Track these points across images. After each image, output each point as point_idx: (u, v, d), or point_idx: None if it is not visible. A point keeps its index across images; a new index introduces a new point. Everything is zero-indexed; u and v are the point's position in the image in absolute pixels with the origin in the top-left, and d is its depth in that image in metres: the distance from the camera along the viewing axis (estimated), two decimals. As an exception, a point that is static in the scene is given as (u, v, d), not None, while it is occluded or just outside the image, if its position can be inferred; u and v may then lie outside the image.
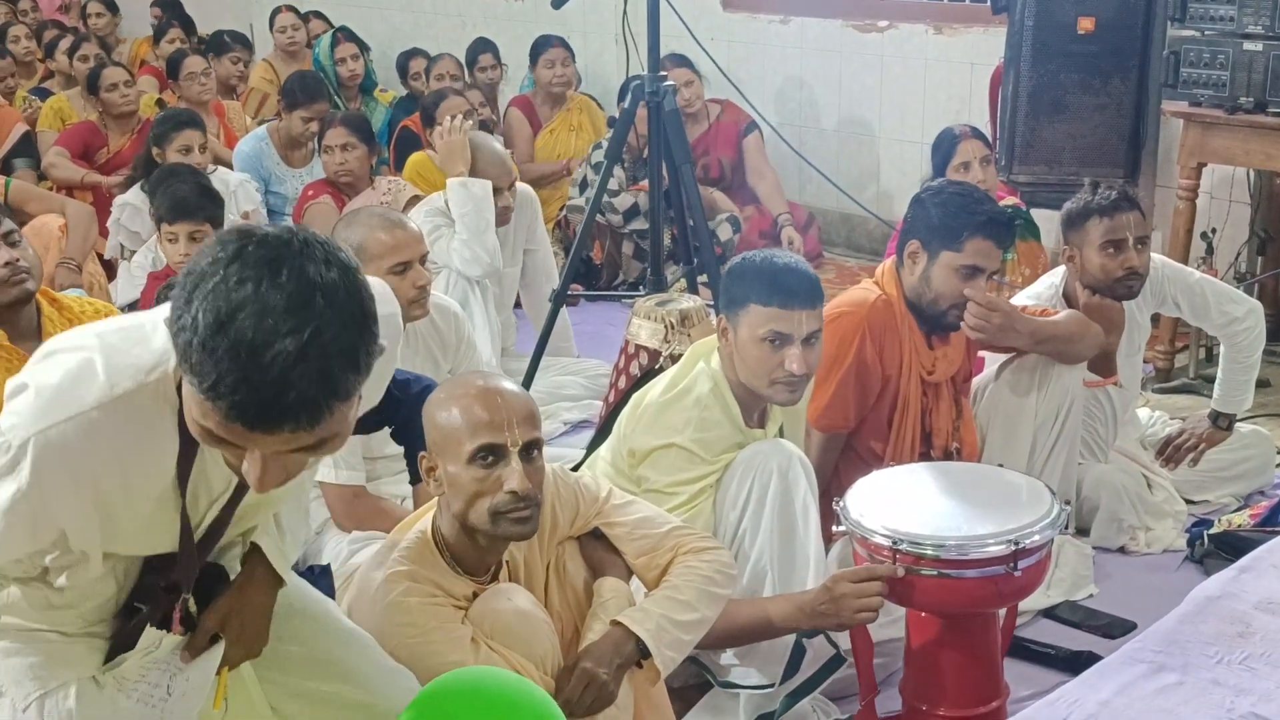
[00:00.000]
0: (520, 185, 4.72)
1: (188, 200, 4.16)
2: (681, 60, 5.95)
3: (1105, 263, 3.53)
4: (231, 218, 4.81)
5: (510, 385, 2.42)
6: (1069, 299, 3.65)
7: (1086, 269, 3.57)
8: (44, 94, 7.17)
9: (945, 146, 4.40)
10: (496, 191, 4.38)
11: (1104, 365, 3.57)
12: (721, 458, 2.83)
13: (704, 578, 2.52)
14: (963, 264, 3.18)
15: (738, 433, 2.86)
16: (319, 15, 8.22)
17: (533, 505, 2.33)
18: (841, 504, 2.70)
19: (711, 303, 3.86)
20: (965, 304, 3.22)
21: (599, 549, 2.60)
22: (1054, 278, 3.74)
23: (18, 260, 3.19)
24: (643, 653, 2.41)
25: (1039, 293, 3.73)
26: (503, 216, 4.43)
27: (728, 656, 2.85)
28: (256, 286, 1.60)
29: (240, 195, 5.23)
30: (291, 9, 7.69)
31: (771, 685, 2.78)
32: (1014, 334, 3.30)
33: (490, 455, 2.31)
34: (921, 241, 3.23)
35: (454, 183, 4.34)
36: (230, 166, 5.74)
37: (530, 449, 2.35)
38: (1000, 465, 3.01)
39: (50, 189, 5.90)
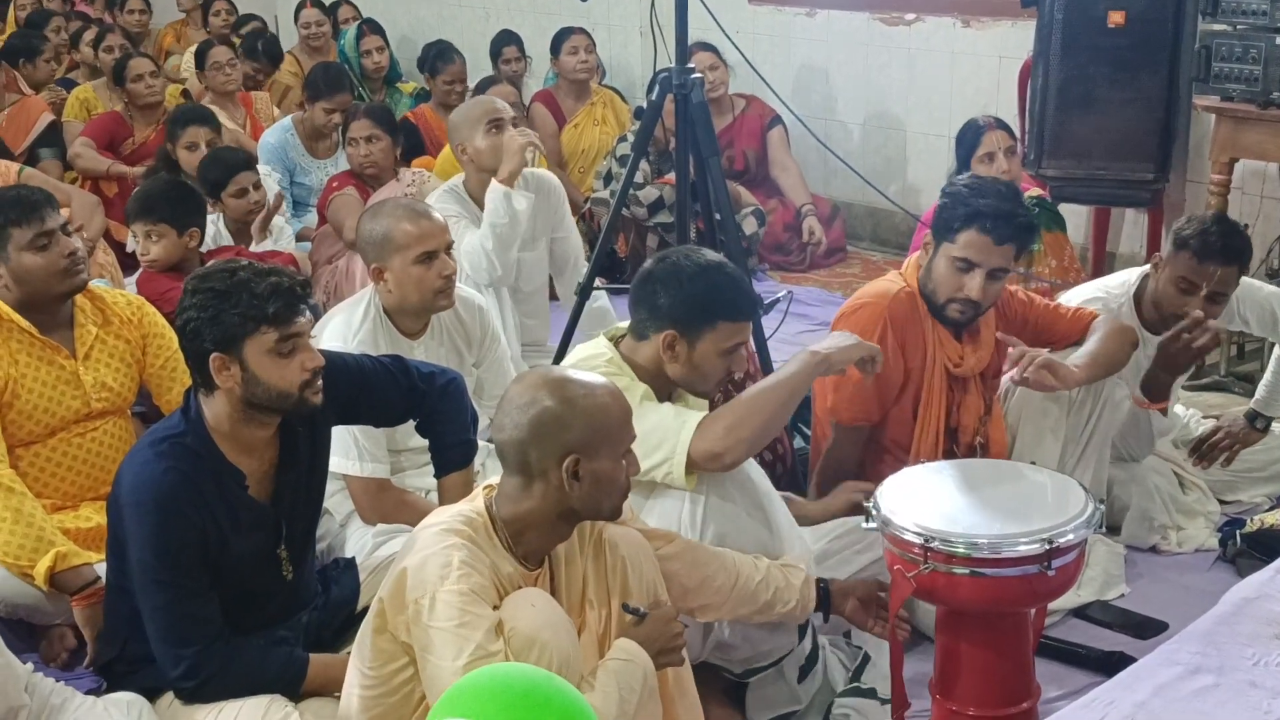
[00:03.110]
0: (545, 173, 4.65)
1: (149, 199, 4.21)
2: (706, 46, 5.92)
3: (1171, 294, 3.51)
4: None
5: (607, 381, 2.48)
6: (1138, 301, 3.63)
7: (1160, 289, 3.56)
8: (69, 84, 7.18)
9: (969, 138, 4.37)
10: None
11: (1159, 391, 3.54)
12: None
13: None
14: (956, 256, 3.16)
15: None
16: (349, 2, 8.22)
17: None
18: (872, 500, 2.68)
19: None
20: (964, 302, 3.19)
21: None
22: (1129, 276, 3.71)
23: (76, 251, 3.22)
24: None
25: (1109, 285, 3.70)
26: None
27: (743, 649, 2.85)
28: None
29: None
30: (316, 4, 7.70)
31: (785, 656, 2.82)
32: (1062, 384, 3.25)
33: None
34: (932, 233, 3.24)
35: (498, 190, 4.23)
36: (255, 158, 5.74)
37: None
38: (1033, 463, 2.98)
39: (76, 179, 5.92)
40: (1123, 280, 3.71)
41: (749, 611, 2.74)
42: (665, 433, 2.70)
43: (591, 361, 2.85)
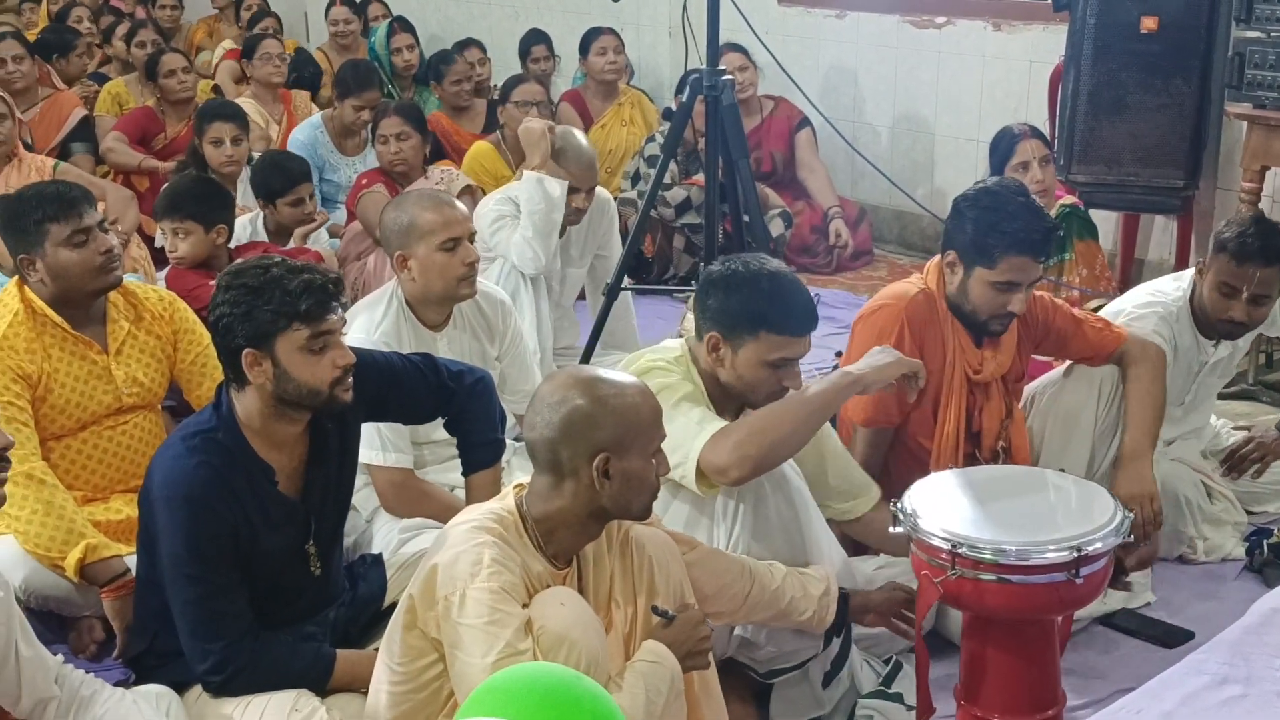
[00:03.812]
0: (599, 190, 4.65)
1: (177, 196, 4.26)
2: (736, 47, 5.92)
3: (1214, 299, 3.52)
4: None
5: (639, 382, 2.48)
6: (1193, 304, 3.63)
7: (1203, 293, 3.57)
8: (101, 79, 7.23)
9: (1004, 146, 4.35)
10: (574, 191, 4.33)
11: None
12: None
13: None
14: (997, 280, 3.14)
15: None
16: (380, 2, 8.25)
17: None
18: (899, 505, 2.67)
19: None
20: (1006, 315, 3.18)
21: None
22: (1183, 279, 3.71)
23: (113, 248, 3.25)
24: None
25: (1163, 289, 3.70)
26: (574, 217, 4.40)
27: (769, 649, 2.85)
28: None
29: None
30: (346, 1, 7.72)
31: (811, 659, 2.82)
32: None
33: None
34: (958, 253, 3.19)
35: (530, 177, 4.29)
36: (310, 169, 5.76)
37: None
38: (1061, 470, 2.98)
39: (108, 174, 5.96)
40: (1176, 285, 3.70)
41: (763, 618, 2.75)
42: (684, 437, 2.70)
43: (658, 354, 2.87)
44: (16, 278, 3.31)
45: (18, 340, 3.19)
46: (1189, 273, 3.71)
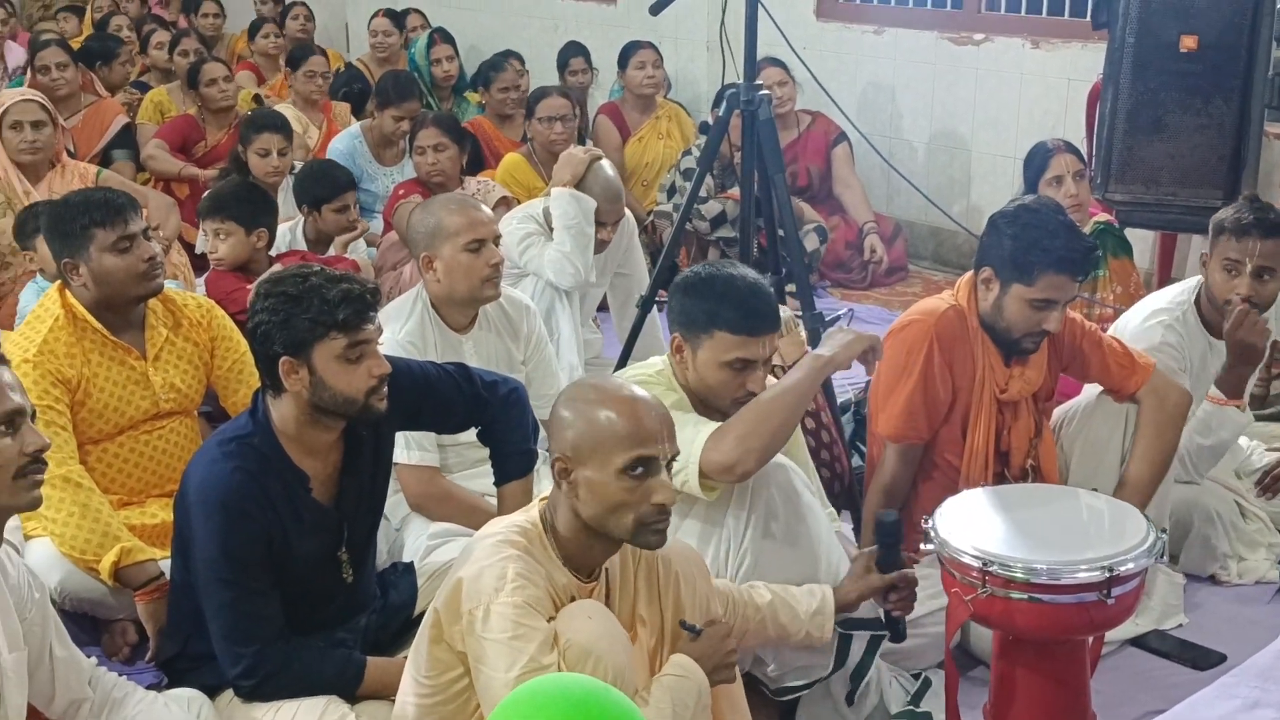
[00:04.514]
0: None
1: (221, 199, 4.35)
2: (775, 61, 5.93)
3: (1221, 281, 3.50)
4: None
5: (650, 395, 2.41)
6: (1200, 306, 3.61)
7: (1209, 281, 3.56)
8: (143, 87, 7.30)
9: (1038, 160, 4.34)
10: (600, 224, 4.35)
11: (1236, 386, 3.50)
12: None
13: None
14: (1035, 298, 3.12)
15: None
16: (418, 12, 8.30)
17: (669, 516, 2.35)
18: (930, 523, 2.67)
19: (799, 312, 3.84)
20: (1039, 334, 3.17)
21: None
22: (1188, 283, 3.70)
23: (155, 256, 3.29)
24: None
25: (1170, 297, 3.67)
26: (597, 248, 4.44)
27: (774, 667, 2.84)
28: None
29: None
30: (388, 14, 7.77)
31: (825, 677, 2.80)
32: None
33: (643, 467, 2.31)
34: (994, 269, 3.18)
35: (565, 193, 4.31)
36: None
37: (673, 460, 2.39)
38: (1094, 489, 2.96)
39: (149, 181, 6.02)
40: (1181, 289, 3.69)
41: (755, 644, 2.74)
42: (680, 442, 2.69)
43: (641, 369, 2.89)
44: (59, 283, 3.35)
45: (58, 345, 3.22)
46: (1194, 279, 3.69)
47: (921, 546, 2.67)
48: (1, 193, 4.74)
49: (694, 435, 2.69)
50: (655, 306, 4.35)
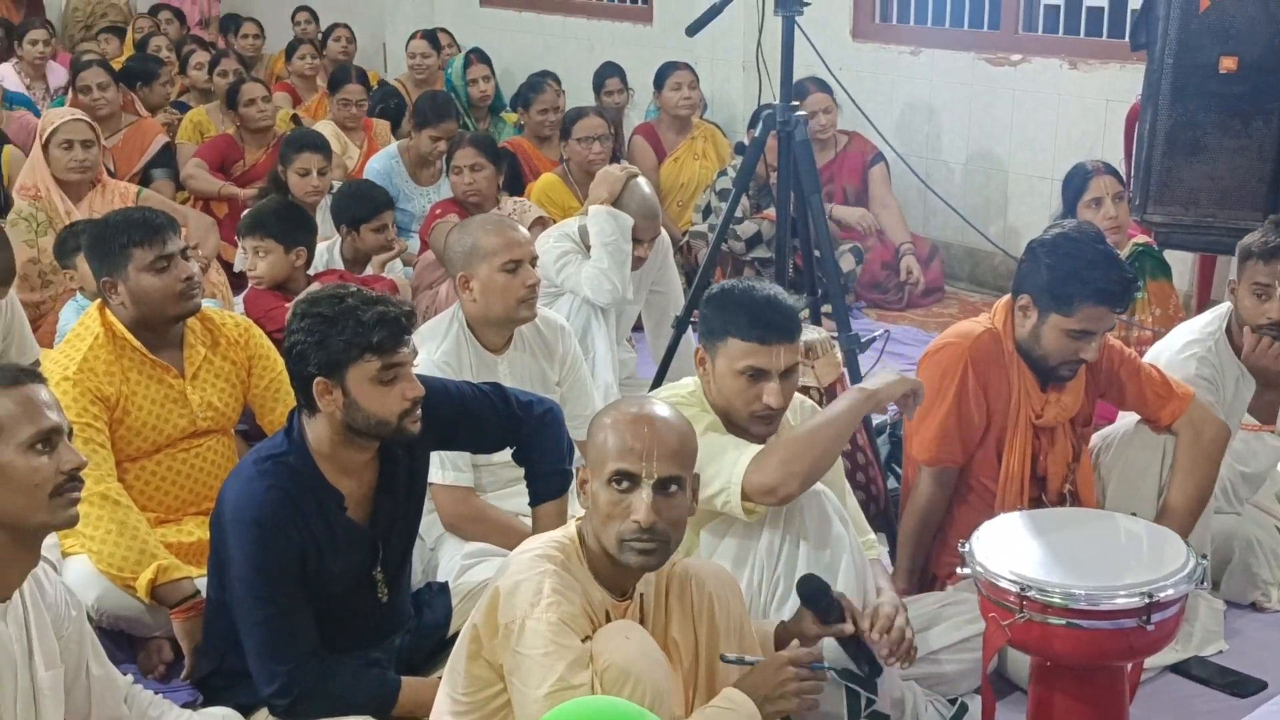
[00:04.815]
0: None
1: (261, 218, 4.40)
2: (822, 86, 5.93)
3: (1251, 307, 3.47)
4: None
5: (670, 417, 2.41)
6: (1231, 334, 3.57)
7: (1238, 307, 3.53)
8: (183, 107, 7.37)
9: (1077, 182, 4.32)
10: (636, 241, 4.37)
11: (1266, 410, 3.48)
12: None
13: None
14: (1073, 328, 3.10)
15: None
16: (445, 32, 8.35)
17: (659, 540, 2.33)
18: (967, 547, 2.65)
19: (835, 334, 3.83)
20: (1076, 362, 3.15)
21: None
22: (1219, 310, 3.67)
23: (192, 276, 3.31)
24: None
25: (1200, 326, 3.64)
26: (634, 264, 4.45)
27: None
28: None
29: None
30: (425, 36, 7.81)
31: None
32: None
33: (625, 481, 2.33)
34: (1032, 298, 3.15)
35: (602, 210, 4.33)
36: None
37: (668, 484, 2.35)
38: (1133, 514, 2.94)
39: (188, 200, 6.07)
40: (1211, 317, 3.66)
41: None
42: (722, 464, 2.70)
43: (673, 390, 2.88)
44: (99, 302, 3.38)
45: (97, 363, 3.25)
46: (1223, 305, 3.66)
47: (958, 570, 2.64)
48: (43, 211, 4.80)
49: (736, 457, 2.69)
50: (690, 327, 4.35)
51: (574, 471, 3.16)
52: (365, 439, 2.76)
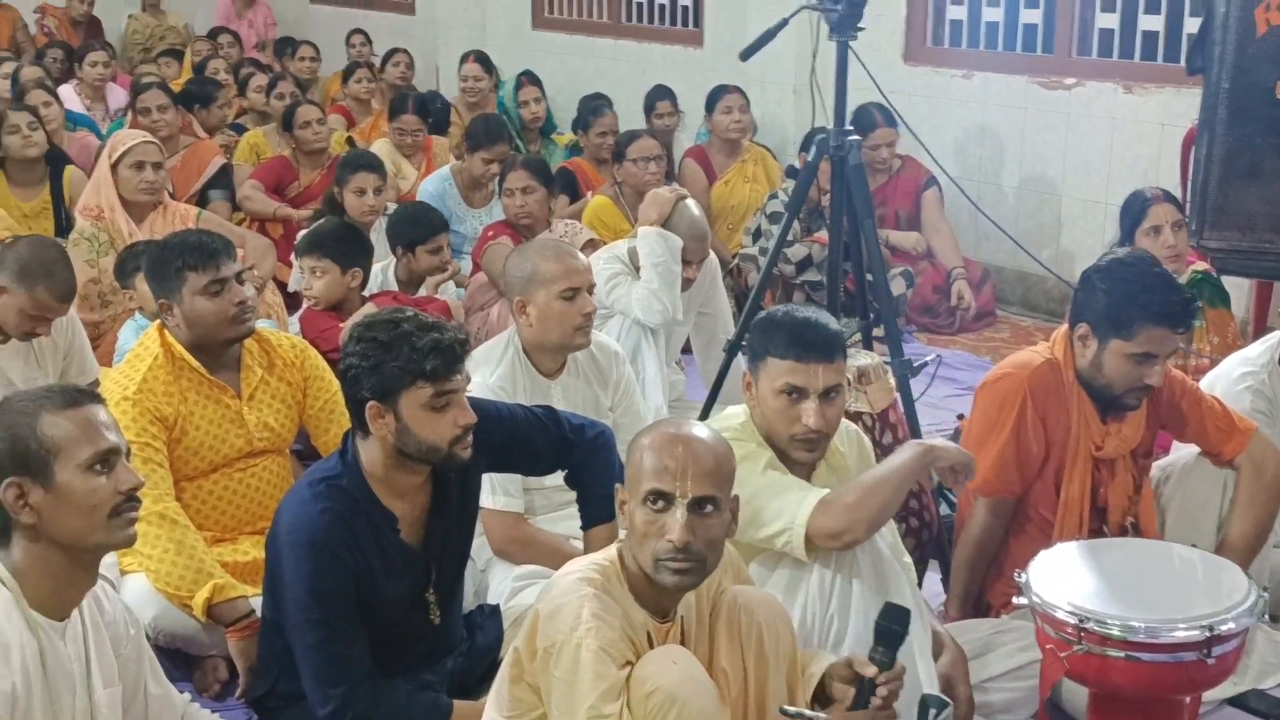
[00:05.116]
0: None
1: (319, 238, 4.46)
2: (888, 118, 5.92)
3: None
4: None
5: (706, 437, 2.41)
6: None
7: None
8: (240, 129, 7.46)
9: (1135, 209, 4.28)
10: (685, 263, 4.40)
11: None
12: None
13: None
14: (1135, 352, 3.07)
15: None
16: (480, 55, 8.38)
17: (694, 560, 2.33)
18: (1024, 578, 2.62)
19: (888, 359, 3.81)
20: (1141, 389, 3.11)
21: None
22: (1271, 341, 3.63)
23: (246, 300, 3.34)
24: None
25: (1251, 357, 3.60)
26: (683, 285, 4.46)
27: None
28: None
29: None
30: (479, 60, 7.85)
31: None
32: None
33: (659, 500, 2.34)
34: (1091, 326, 3.12)
35: (651, 231, 4.36)
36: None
37: (703, 504, 2.35)
38: (1192, 545, 2.90)
39: (243, 221, 6.13)
40: (1263, 346, 3.62)
41: None
42: (785, 504, 2.69)
43: (725, 422, 2.87)
44: (158, 322, 3.42)
45: (157, 384, 3.29)
46: (1275, 334, 3.62)
47: (1014, 600, 2.62)
48: (105, 232, 4.86)
49: (800, 499, 2.69)
50: (740, 352, 4.35)
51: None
52: (417, 463, 2.77)
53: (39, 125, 5.73)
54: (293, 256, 5.22)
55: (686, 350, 4.99)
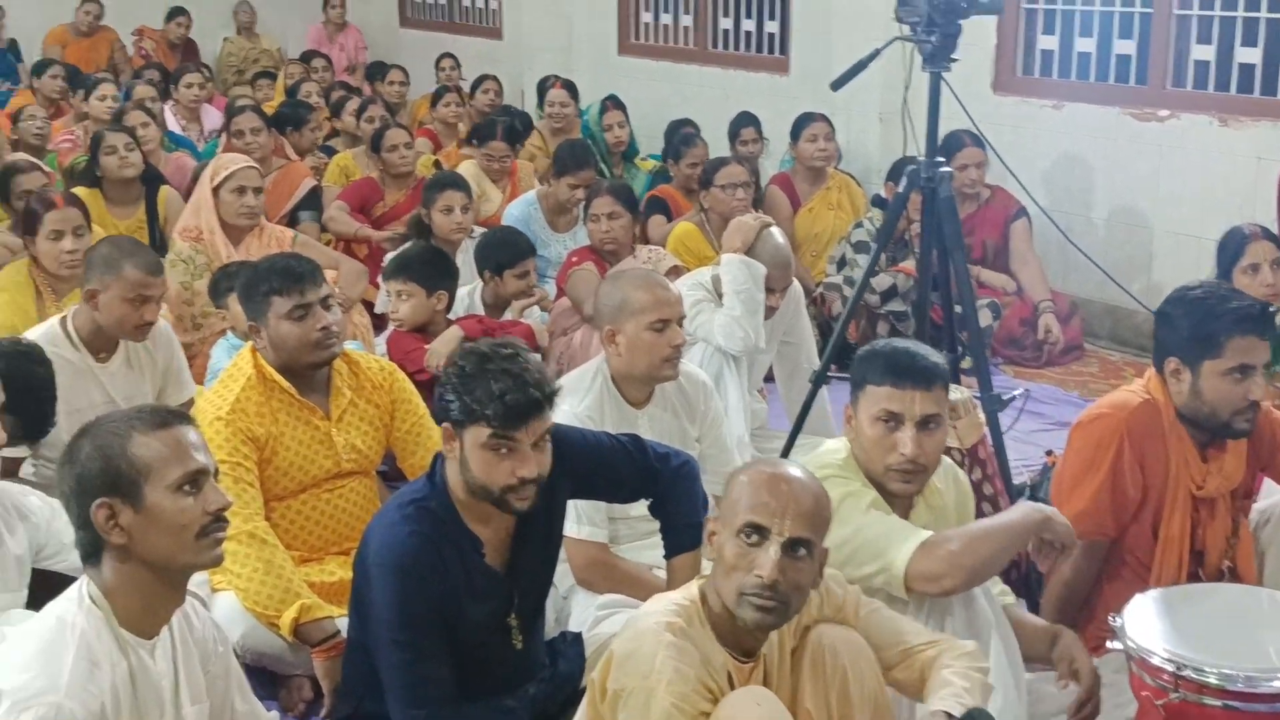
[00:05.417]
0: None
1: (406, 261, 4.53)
2: (975, 140, 5.87)
3: None
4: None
5: (806, 480, 2.41)
6: None
7: None
8: (329, 151, 7.56)
9: (1233, 246, 4.21)
10: (768, 291, 4.39)
11: None
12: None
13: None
14: (1229, 367, 3.02)
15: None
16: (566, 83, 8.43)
17: (779, 600, 2.32)
18: (1119, 622, 2.57)
19: (978, 393, 3.77)
20: (1249, 409, 3.05)
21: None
22: None
23: (331, 325, 3.37)
24: None
25: None
26: (766, 314, 4.45)
27: None
28: None
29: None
30: (565, 85, 7.90)
31: None
32: None
33: (755, 534, 2.33)
34: (1179, 357, 3.08)
35: (735, 259, 4.36)
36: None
37: (797, 546, 2.34)
38: (1294, 592, 2.83)
39: (330, 240, 6.21)
40: None
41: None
42: (887, 543, 2.67)
43: (824, 459, 2.85)
44: (250, 344, 3.46)
45: (249, 404, 3.33)
46: None
47: (1107, 644, 2.57)
48: (203, 254, 4.94)
49: (904, 538, 2.67)
50: (826, 382, 4.32)
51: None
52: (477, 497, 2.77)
53: (135, 146, 5.84)
54: (379, 279, 5.29)
55: (769, 379, 4.97)
